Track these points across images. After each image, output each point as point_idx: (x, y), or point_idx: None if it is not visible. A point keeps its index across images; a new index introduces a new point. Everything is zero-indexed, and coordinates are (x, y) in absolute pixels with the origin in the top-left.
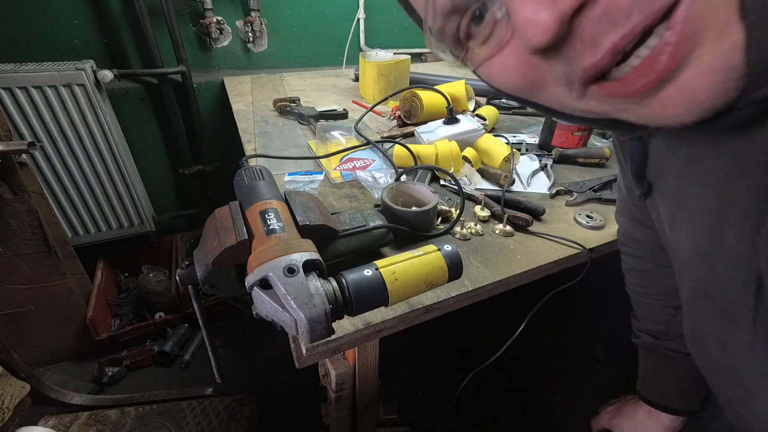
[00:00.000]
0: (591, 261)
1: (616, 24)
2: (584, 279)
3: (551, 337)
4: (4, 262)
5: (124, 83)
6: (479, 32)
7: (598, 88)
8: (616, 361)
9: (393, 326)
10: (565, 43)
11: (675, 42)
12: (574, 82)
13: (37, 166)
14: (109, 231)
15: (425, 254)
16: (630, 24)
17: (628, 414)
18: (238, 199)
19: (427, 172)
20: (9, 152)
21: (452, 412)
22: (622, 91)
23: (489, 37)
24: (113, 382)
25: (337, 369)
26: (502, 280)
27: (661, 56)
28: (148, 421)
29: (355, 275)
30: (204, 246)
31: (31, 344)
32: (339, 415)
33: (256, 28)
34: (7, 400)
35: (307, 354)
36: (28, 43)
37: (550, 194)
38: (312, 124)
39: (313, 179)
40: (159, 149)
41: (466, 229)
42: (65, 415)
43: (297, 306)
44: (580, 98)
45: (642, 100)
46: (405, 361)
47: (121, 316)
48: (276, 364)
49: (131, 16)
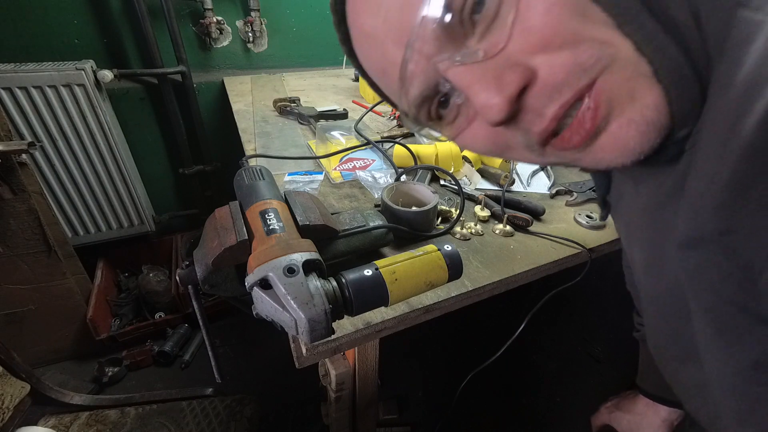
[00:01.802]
0: (591, 261)
1: (553, 99)
2: (584, 279)
3: (551, 337)
4: (4, 262)
5: (124, 83)
6: (447, 114)
7: (551, 147)
8: (616, 361)
9: (393, 326)
10: (519, 116)
11: (593, 107)
12: (533, 145)
13: (37, 166)
14: (109, 231)
15: (425, 254)
16: (563, 98)
17: (627, 408)
18: (238, 199)
19: (427, 172)
20: (9, 152)
21: (452, 412)
22: (565, 145)
23: (457, 116)
24: (113, 382)
25: (337, 369)
26: (502, 280)
27: (586, 117)
28: (148, 421)
29: (355, 275)
30: (204, 246)
31: (31, 344)
32: (339, 415)
33: (256, 28)
34: (7, 400)
35: (307, 354)
36: (28, 43)
37: (550, 194)
38: (312, 124)
39: (313, 179)
40: (159, 149)
41: (466, 229)
42: (65, 415)
43: (297, 306)
44: (541, 155)
45: (584, 149)
46: (405, 361)
47: (121, 316)
48: (276, 364)
49: (131, 16)
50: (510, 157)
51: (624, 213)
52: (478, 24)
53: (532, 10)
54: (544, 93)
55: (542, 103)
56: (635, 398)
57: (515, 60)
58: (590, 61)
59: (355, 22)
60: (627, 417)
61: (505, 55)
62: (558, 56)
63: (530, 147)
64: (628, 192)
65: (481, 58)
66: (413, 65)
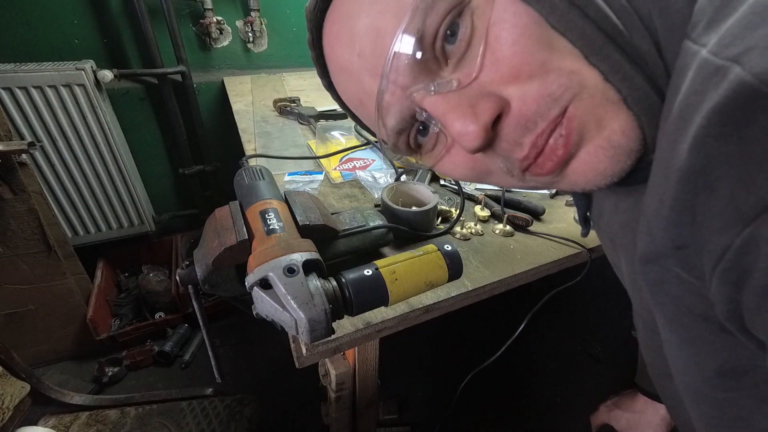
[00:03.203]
0: (591, 261)
1: (528, 129)
2: (584, 279)
3: (551, 337)
4: (4, 262)
5: (124, 83)
6: (426, 143)
7: (529, 173)
8: (616, 360)
9: (393, 326)
10: (496, 144)
11: (565, 134)
12: (513, 170)
13: (37, 166)
14: (109, 231)
15: (425, 254)
16: (539, 128)
17: (626, 406)
18: (238, 199)
19: (427, 171)
20: (9, 152)
21: (452, 412)
22: (541, 171)
23: (435, 143)
24: (113, 382)
25: (337, 369)
26: (502, 280)
27: (558, 144)
28: (148, 421)
29: (355, 275)
30: (204, 246)
31: (31, 344)
32: (339, 415)
33: (256, 28)
34: (7, 400)
35: (307, 354)
36: (28, 43)
37: (550, 194)
38: (312, 124)
39: (313, 179)
40: (159, 149)
41: (466, 229)
42: (65, 415)
43: (297, 306)
44: (521, 180)
45: (559, 174)
46: (405, 361)
47: (121, 316)
48: (276, 364)
49: (131, 15)
50: (490, 182)
51: (606, 229)
52: (450, 55)
53: (500, 41)
54: (519, 124)
55: (518, 134)
56: (634, 397)
57: (488, 90)
58: (559, 90)
59: (332, 56)
60: (626, 415)
61: (479, 85)
62: (529, 87)
63: (511, 172)
64: (608, 209)
65: (456, 88)
66: (389, 96)
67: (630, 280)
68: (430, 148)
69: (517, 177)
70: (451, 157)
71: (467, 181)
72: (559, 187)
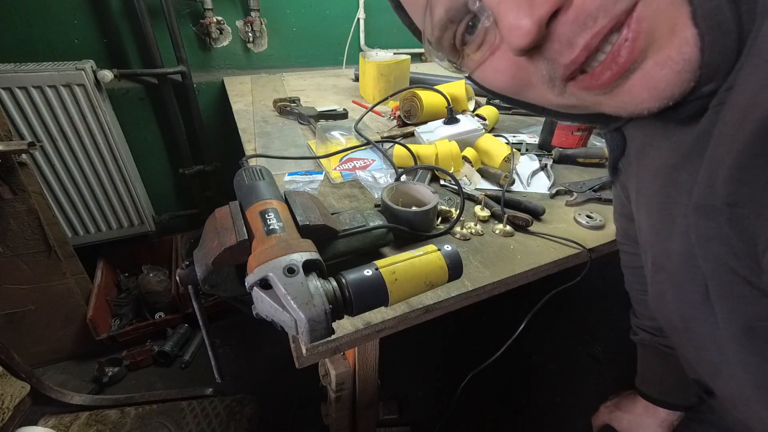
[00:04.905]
0: (591, 261)
1: (586, 26)
2: (584, 279)
3: (551, 337)
4: (4, 262)
5: (124, 83)
6: (473, 40)
7: (575, 84)
8: (616, 361)
9: (393, 326)
10: (546, 45)
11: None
12: (555, 79)
13: (37, 166)
14: (109, 231)
15: (425, 254)
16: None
17: (627, 408)
18: (238, 199)
19: (427, 172)
20: (9, 152)
21: (452, 412)
22: (593, 83)
23: (481, 43)
24: (113, 382)
25: (337, 369)
26: (502, 280)
27: (621, 50)
28: (148, 421)
29: (355, 275)
30: (204, 246)
31: (31, 344)
32: (339, 415)
33: (256, 28)
34: (7, 400)
35: (307, 354)
36: (28, 43)
37: (550, 194)
38: (312, 124)
39: (313, 179)
40: (159, 149)
41: (466, 229)
42: (65, 415)
43: (297, 306)
44: (561, 94)
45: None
46: (405, 361)
47: (121, 316)
48: (276, 364)
49: (131, 16)
50: (527, 97)
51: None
52: None
53: None
54: (577, 19)
55: (574, 32)
56: (635, 398)
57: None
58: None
59: None
60: (627, 417)
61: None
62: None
63: (552, 82)
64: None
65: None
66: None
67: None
68: (475, 48)
69: (558, 89)
70: (494, 61)
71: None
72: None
